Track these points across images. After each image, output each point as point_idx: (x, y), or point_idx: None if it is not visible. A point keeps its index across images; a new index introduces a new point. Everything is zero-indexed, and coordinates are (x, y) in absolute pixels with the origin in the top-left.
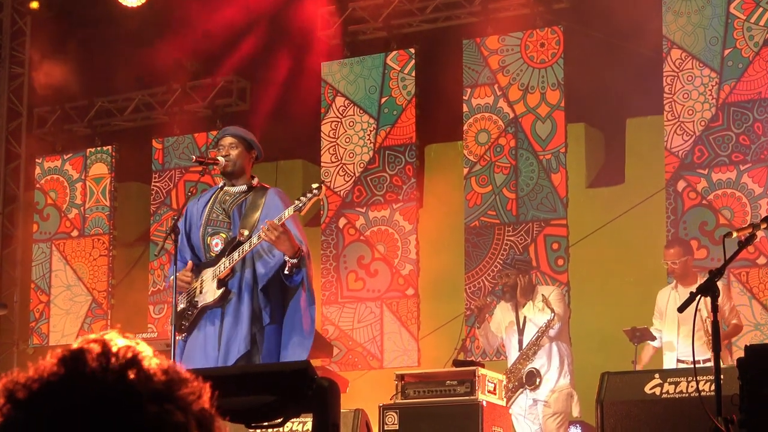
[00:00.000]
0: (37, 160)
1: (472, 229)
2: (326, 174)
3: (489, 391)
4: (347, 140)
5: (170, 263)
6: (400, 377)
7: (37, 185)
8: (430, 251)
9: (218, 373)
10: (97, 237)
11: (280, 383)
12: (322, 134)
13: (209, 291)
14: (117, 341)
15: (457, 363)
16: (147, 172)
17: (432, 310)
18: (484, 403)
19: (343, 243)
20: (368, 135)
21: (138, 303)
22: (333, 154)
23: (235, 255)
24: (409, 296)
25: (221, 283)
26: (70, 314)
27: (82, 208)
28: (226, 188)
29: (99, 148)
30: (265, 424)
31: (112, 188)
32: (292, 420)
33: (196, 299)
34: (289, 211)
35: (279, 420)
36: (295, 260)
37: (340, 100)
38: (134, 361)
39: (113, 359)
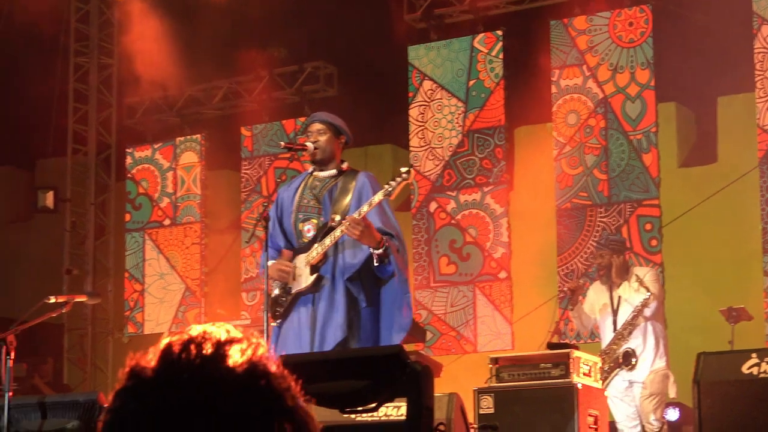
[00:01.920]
0: (127, 150)
1: (563, 211)
2: (415, 158)
3: (584, 374)
4: (435, 124)
5: (262, 250)
6: (495, 361)
7: (129, 175)
8: (522, 234)
9: (312, 359)
10: (188, 225)
11: (373, 368)
12: (410, 118)
13: (302, 277)
14: (224, 333)
15: (551, 345)
16: (236, 160)
17: (525, 292)
18: (580, 386)
19: (434, 227)
20: (456, 118)
21: (231, 290)
22: (422, 138)
23: (327, 241)
24: (502, 279)
25: (314, 269)
26: (164, 303)
27: (173, 197)
28: (315, 173)
29: (188, 137)
30: (359, 408)
31: (202, 176)
32: (386, 404)
33: (289, 285)
34: (378, 196)
35: (373, 405)
36: (380, 251)
37: (427, 84)
38: (237, 354)
39: (213, 350)
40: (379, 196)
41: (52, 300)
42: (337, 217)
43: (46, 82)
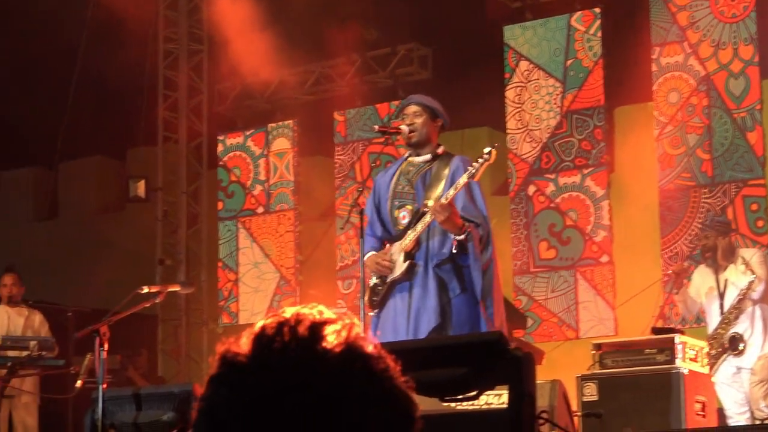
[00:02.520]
0: (219, 137)
1: (666, 193)
2: (512, 141)
3: (690, 359)
4: (533, 105)
5: (357, 237)
6: (598, 347)
7: (220, 162)
8: (624, 217)
9: (410, 347)
10: (282, 213)
11: (472, 355)
12: (506, 100)
13: (397, 265)
14: (318, 314)
15: (655, 330)
16: (329, 145)
17: (628, 277)
18: (686, 372)
19: (533, 211)
20: (554, 99)
21: (326, 278)
22: (519, 120)
23: (419, 226)
24: (604, 263)
25: (407, 255)
26: (259, 292)
27: (266, 184)
28: (410, 159)
29: (280, 123)
30: (459, 397)
31: (295, 163)
32: (487, 392)
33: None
34: (463, 178)
35: (473, 393)
36: (461, 237)
37: (524, 65)
38: (338, 338)
39: (307, 332)
40: (463, 179)
41: (145, 290)
42: (430, 203)
43: (136, 70)
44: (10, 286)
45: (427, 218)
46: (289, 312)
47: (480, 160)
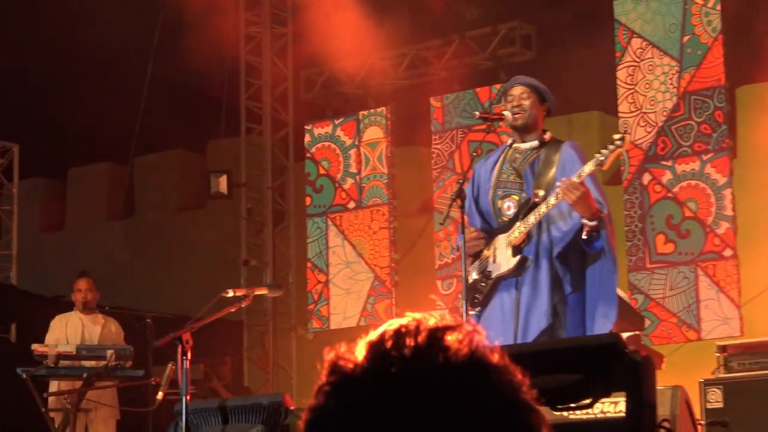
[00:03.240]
0: (306, 127)
1: None
2: (625, 125)
3: None
4: (647, 86)
5: (457, 233)
6: (722, 349)
7: (308, 154)
8: (748, 206)
9: (518, 351)
10: (375, 208)
11: (586, 359)
12: (618, 81)
13: (503, 260)
14: (439, 321)
15: None
16: (426, 134)
17: (753, 272)
18: None
19: (648, 202)
20: (670, 79)
21: (424, 278)
22: (632, 103)
23: (531, 218)
24: (727, 258)
25: (516, 250)
26: (351, 294)
27: (357, 177)
28: (515, 145)
29: (372, 111)
30: (573, 405)
31: (389, 153)
32: (602, 400)
33: (489, 269)
34: (589, 166)
35: (588, 400)
36: (593, 223)
37: (636, 42)
38: (463, 349)
39: (427, 340)
40: (589, 167)
41: (230, 294)
42: (541, 192)
43: (216, 57)
44: (84, 291)
45: (542, 209)
46: (407, 318)
47: (610, 147)
